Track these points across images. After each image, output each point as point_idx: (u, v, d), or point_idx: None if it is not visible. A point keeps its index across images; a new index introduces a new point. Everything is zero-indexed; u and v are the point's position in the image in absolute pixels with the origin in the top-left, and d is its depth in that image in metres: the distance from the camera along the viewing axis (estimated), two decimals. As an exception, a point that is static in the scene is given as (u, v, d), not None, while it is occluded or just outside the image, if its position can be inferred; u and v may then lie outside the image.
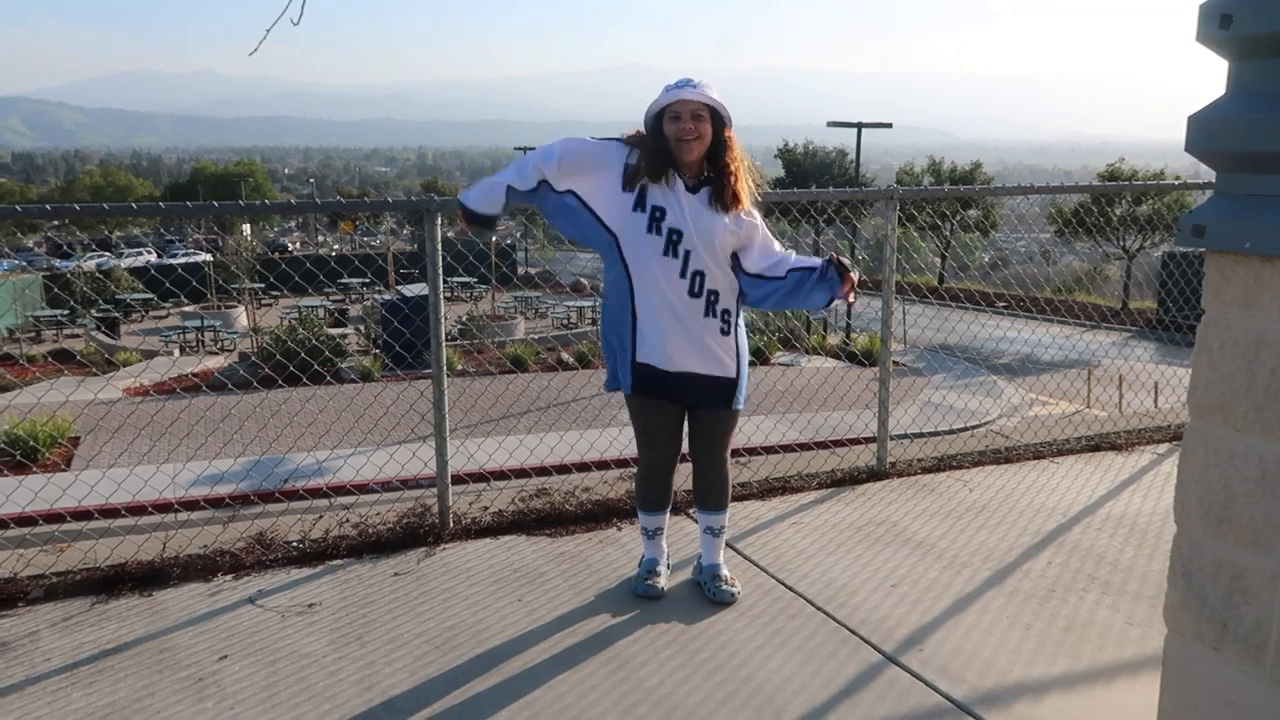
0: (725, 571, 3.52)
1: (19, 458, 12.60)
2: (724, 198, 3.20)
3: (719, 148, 3.21)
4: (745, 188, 3.24)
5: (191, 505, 7.40)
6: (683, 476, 4.22)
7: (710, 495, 3.46)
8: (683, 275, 3.18)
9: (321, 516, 4.30)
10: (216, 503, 8.34)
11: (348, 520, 4.24)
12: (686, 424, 3.45)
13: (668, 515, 3.58)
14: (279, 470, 11.91)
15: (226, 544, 3.96)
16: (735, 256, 3.28)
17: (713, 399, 3.32)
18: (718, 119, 3.19)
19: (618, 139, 3.28)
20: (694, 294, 3.20)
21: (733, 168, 3.21)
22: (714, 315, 3.24)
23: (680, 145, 3.14)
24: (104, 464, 11.55)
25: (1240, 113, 1.74)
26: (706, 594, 3.47)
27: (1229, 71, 1.79)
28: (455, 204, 3.47)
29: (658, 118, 3.19)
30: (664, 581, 3.55)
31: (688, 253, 3.17)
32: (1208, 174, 2.04)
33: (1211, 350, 1.83)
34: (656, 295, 3.19)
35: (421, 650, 3.14)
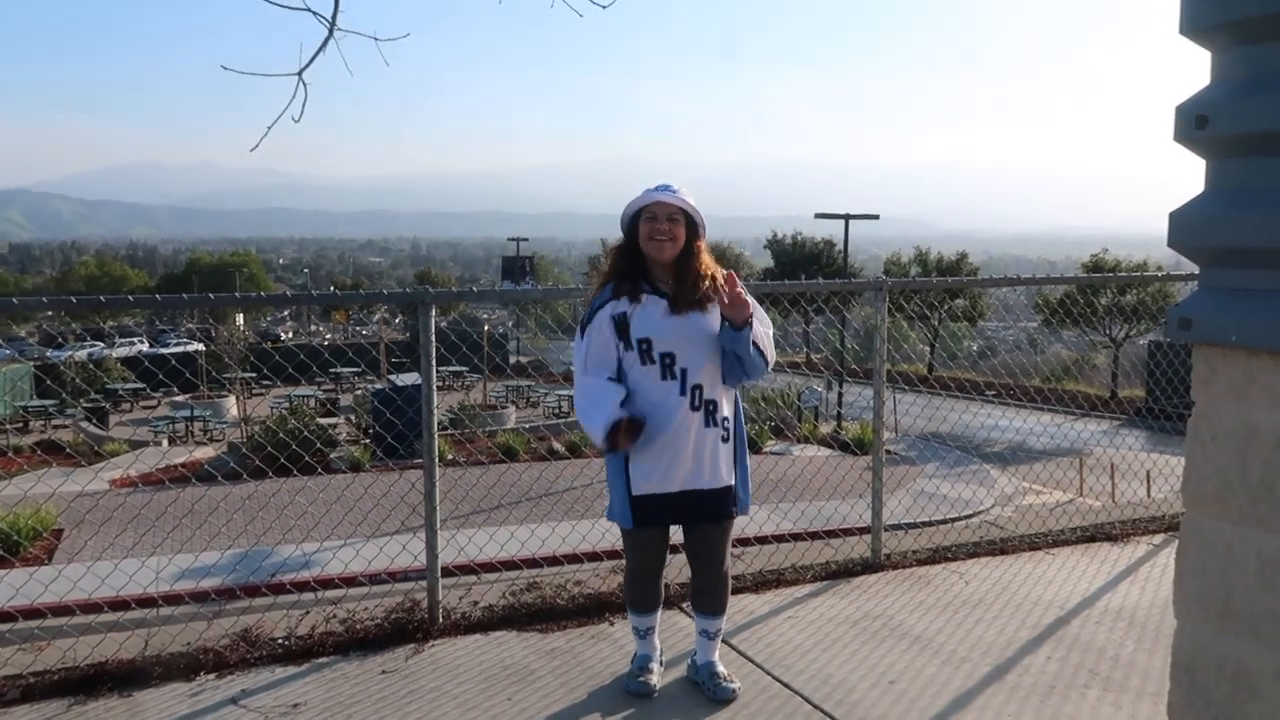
0: (722, 668, 3.46)
1: (0, 551, 12.39)
2: (694, 298, 3.24)
3: (689, 256, 3.28)
4: (714, 286, 3.27)
5: (176, 600, 7.24)
6: (675, 569, 4.17)
7: (709, 600, 3.42)
8: (683, 393, 3.23)
9: (308, 612, 4.21)
10: (201, 597, 8.19)
11: (335, 615, 4.15)
12: (683, 533, 3.43)
13: (659, 614, 3.53)
14: (266, 563, 11.72)
15: (210, 641, 3.87)
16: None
17: (713, 512, 3.32)
18: (691, 226, 3.27)
19: (594, 301, 3.35)
20: (694, 408, 3.25)
21: (700, 270, 3.27)
22: (715, 424, 3.29)
23: (652, 244, 3.22)
24: (87, 557, 11.35)
25: (1219, 209, 1.78)
26: (706, 692, 3.40)
27: (1207, 169, 1.83)
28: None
29: (634, 218, 3.29)
30: (657, 679, 3.48)
31: (684, 370, 3.23)
32: (1190, 264, 2.08)
33: (1204, 442, 1.84)
34: (658, 422, 3.22)
35: (408, 752, 3.05)
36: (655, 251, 3.23)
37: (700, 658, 3.48)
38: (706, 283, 3.26)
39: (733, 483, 3.33)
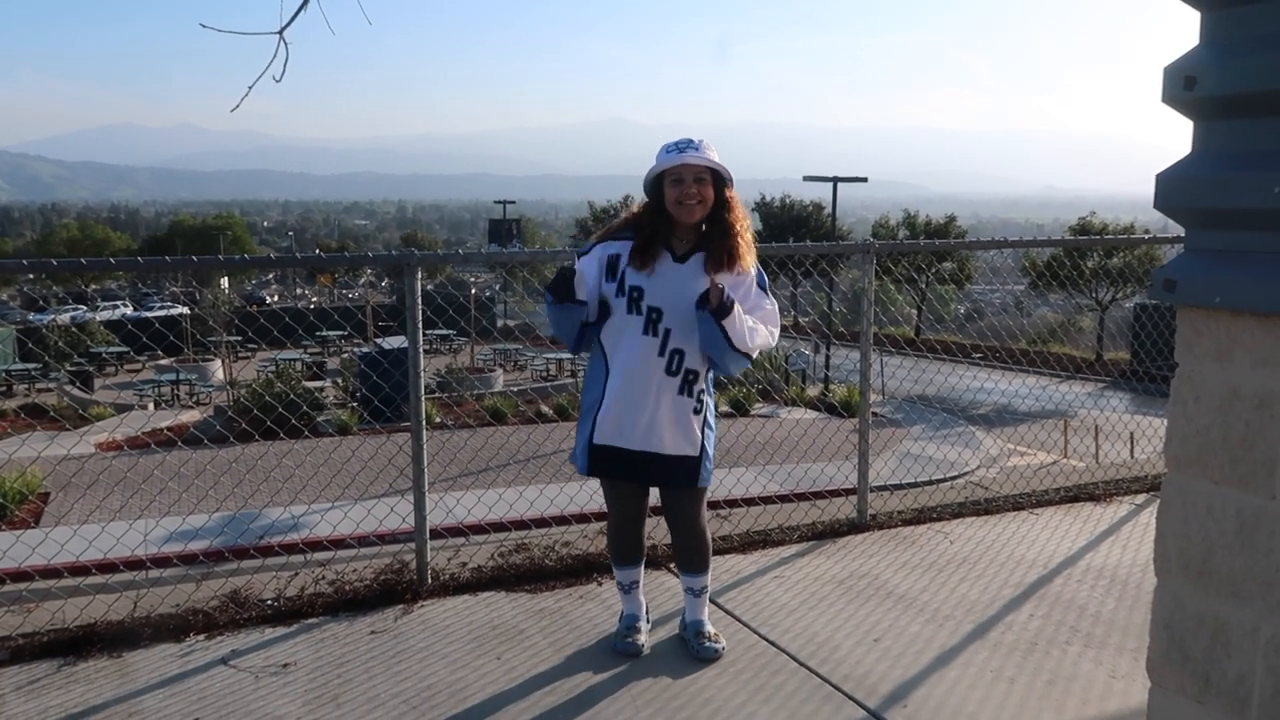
0: (709, 628, 3.49)
1: (-13, 515, 12.37)
2: (720, 258, 3.19)
3: (720, 207, 3.23)
4: (746, 246, 3.24)
5: (164, 562, 7.24)
6: (662, 530, 4.20)
7: (689, 558, 3.43)
8: (661, 353, 3.19)
9: (297, 573, 4.23)
10: (190, 560, 8.20)
11: (324, 577, 4.17)
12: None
13: (642, 569, 3.55)
14: (254, 526, 11.74)
15: (199, 602, 3.89)
16: None
17: (677, 478, 3.30)
18: (719, 180, 3.21)
19: (598, 239, 3.31)
20: (671, 372, 3.20)
21: (737, 227, 3.22)
22: (689, 394, 3.25)
23: (682, 209, 3.15)
24: (74, 520, 11.35)
25: (1206, 171, 1.78)
26: (691, 651, 3.43)
27: (1194, 131, 1.83)
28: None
29: (658, 180, 3.21)
30: (644, 638, 3.51)
31: (667, 330, 3.18)
32: (1177, 228, 2.09)
33: (1186, 404, 1.85)
34: (632, 374, 3.19)
35: (398, 711, 3.08)
36: (686, 216, 3.16)
37: (689, 615, 3.51)
38: (739, 244, 3.18)
39: (696, 454, 3.28)
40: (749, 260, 3.27)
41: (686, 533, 3.38)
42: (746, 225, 3.28)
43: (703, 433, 3.30)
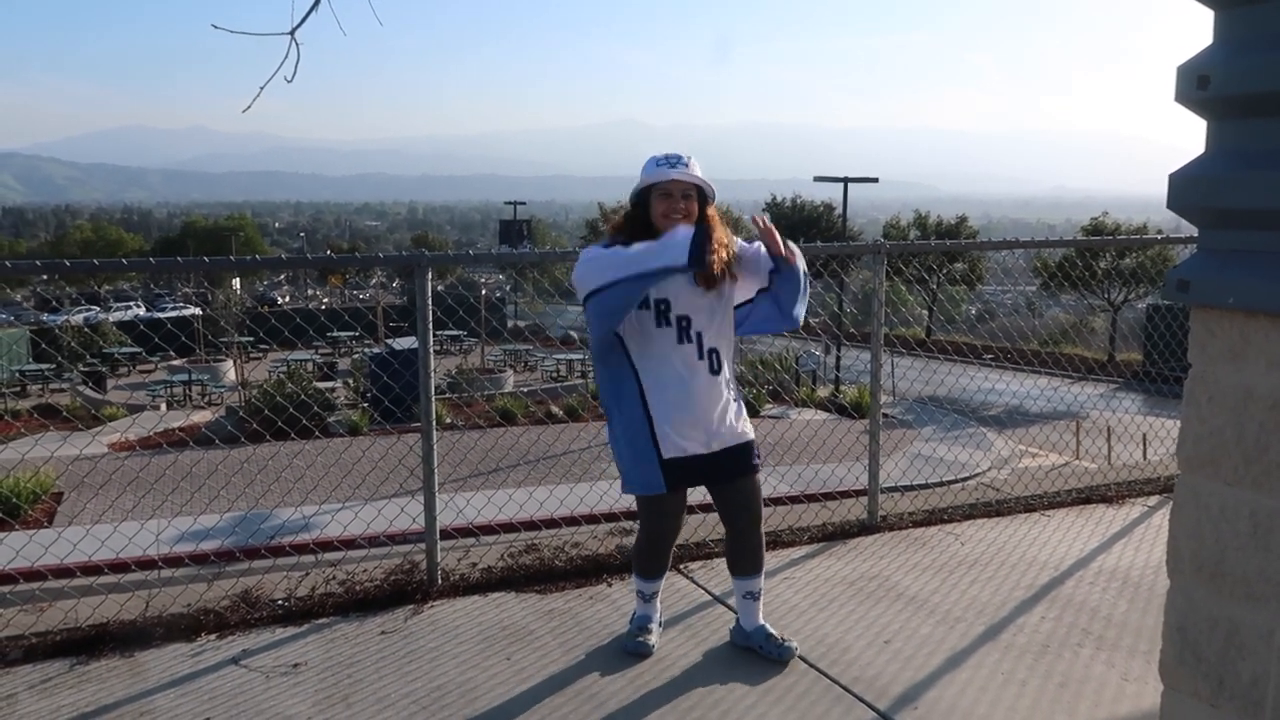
0: (774, 629, 3.50)
1: (0, 514, 12.43)
2: (711, 275, 3.22)
3: (701, 224, 3.26)
4: (728, 258, 3.26)
5: (176, 562, 7.27)
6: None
7: (751, 558, 3.42)
8: (701, 356, 3.24)
9: (308, 573, 4.24)
10: (201, 559, 8.23)
11: (334, 577, 4.18)
12: (711, 495, 3.43)
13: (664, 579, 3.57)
14: (265, 526, 11.77)
15: (211, 602, 3.90)
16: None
17: (742, 465, 3.33)
18: (702, 197, 3.28)
19: (599, 245, 3.30)
20: (714, 371, 3.27)
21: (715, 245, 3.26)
22: (729, 387, 3.33)
23: (668, 222, 3.20)
24: (87, 520, 11.40)
25: (1219, 171, 1.77)
26: (770, 655, 3.40)
27: (1208, 130, 1.82)
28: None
29: (645, 192, 3.26)
30: (655, 639, 3.51)
31: (699, 334, 3.24)
32: (1189, 228, 2.07)
33: (1199, 404, 1.84)
34: (677, 385, 3.21)
35: (408, 712, 3.09)
36: (671, 229, 3.20)
37: (748, 623, 3.49)
38: (725, 254, 3.22)
39: (752, 436, 3.36)
40: (735, 265, 3.32)
41: (751, 529, 3.38)
42: (728, 247, 3.27)
43: (744, 416, 3.39)
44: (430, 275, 4.07)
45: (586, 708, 3.09)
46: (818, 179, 31.09)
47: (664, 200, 3.22)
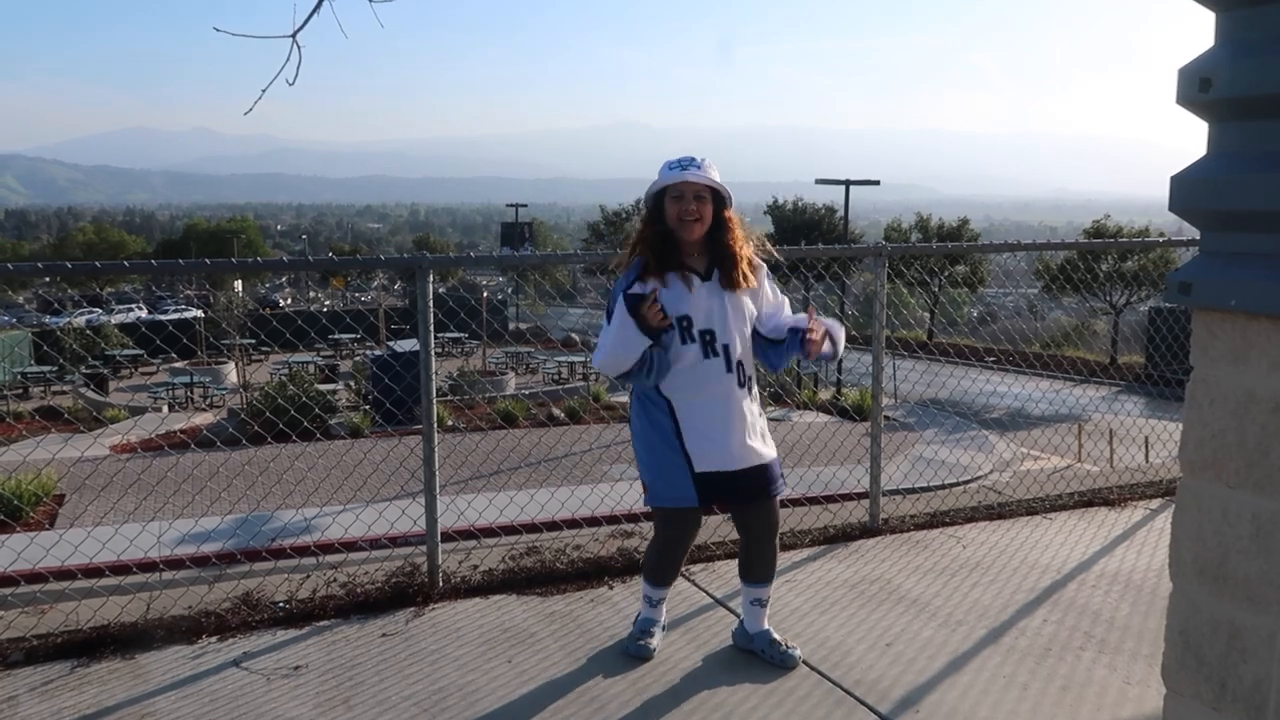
0: (778, 634, 3.50)
1: (1, 517, 12.44)
2: (732, 279, 3.24)
3: (719, 229, 3.26)
4: (749, 267, 3.28)
5: (177, 564, 7.27)
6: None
7: (764, 567, 3.43)
8: (729, 370, 3.24)
9: (309, 576, 4.24)
10: (202, 562, 8.21)
11: (335, 580, 4.18)
12: (730, 507, 3.45)
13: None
14: (266, 528, 11.78)
15: (212, 604, 3.90)
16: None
17: (768, 485, 3.32)
18: (718, 199, 3.24)
19: (619, 281, 3.28)
20: (741, 384, 3.27)
21: (735, 249, 3.26)
22: (755, 400, 3.34)
23: (682, 225, 3.19)
24: (88, 522, 11.41)
25: (1221, 173, 1.77)
26: (773, 660, 3.40)
27: (1209, 133, 1.82)
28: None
29: (659, 196, 3.24)
30: (657, 642, 3.51)
31: (725, 346, 3.23)
32: (1191, 230, 2.07)
33: (1201, 407, 1.84)
34: (707, 400, 3.21)
35: (409, 714, 3.09)
36: (686, 233, 3.21)
37: (753, 626, 3.50)
38: (744, 263, 3.25)
39: (775, 455, 3.37)
40: (755, 277, 3.33)
41: (767, 541, 3.39)
42: (744, 244, 3.30)
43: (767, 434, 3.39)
44: (432, 278, 4.08)
45: (588, 710, 3.09)
46: (819, 181, 31.09)
47: (676, 203, 3.20)
